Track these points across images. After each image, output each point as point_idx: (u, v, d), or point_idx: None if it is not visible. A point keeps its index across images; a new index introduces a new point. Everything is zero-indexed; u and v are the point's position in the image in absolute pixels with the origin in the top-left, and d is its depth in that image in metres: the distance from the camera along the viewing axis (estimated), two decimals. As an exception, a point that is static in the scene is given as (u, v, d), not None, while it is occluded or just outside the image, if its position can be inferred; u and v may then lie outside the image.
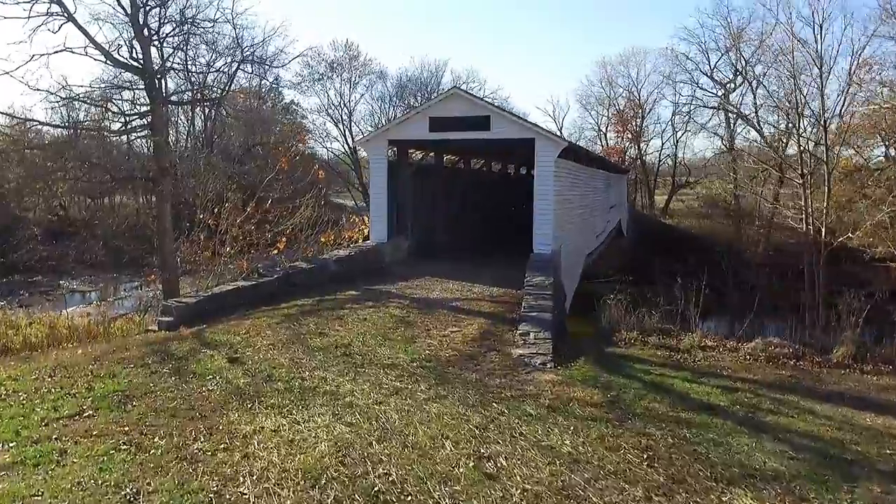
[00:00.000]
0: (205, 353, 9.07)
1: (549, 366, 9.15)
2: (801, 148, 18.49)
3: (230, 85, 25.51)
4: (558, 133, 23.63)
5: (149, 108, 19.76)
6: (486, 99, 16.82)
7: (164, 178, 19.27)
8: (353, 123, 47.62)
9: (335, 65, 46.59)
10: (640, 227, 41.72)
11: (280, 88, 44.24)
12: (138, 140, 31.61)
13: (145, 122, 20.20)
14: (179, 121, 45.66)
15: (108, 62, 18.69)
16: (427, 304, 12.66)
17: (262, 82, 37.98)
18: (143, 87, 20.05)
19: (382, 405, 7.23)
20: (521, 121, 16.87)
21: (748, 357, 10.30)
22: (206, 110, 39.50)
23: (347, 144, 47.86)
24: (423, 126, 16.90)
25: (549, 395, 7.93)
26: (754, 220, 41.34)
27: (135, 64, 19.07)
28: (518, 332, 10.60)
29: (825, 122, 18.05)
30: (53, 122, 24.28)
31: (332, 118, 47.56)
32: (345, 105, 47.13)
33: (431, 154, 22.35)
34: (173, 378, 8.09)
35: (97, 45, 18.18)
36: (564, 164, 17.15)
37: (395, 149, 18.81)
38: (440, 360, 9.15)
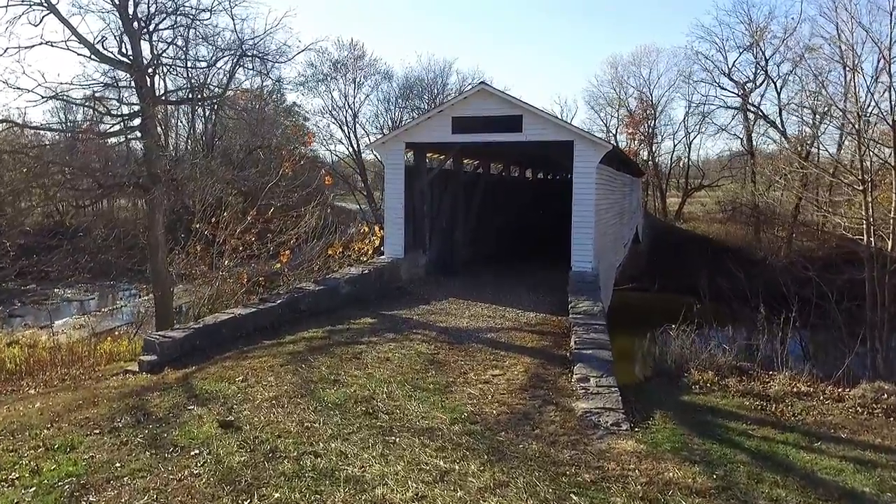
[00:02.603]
0: (191, 413, 7.20)
1: (623, 427, 7.27)
2: (863, 150, 16.64)
3: (229, 82, 23.64)
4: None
5: (139, 107, 17.92)
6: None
7: (155, 185, 17.41)
8: (357, 125, 45.79)
9: (339, 64, 44.77)
10: (656, 233, 39.88)
11: (282, 90, 42.48)
12: (135, 144, 29.75)
13: (135, 124, 18.34)
14: (179, 123, 43.98)
15: (92, 57, 16.85)
16: (457, 337, 10.80)
17: (264, 83, 36.20)
18: (134, 85, 18.25)
19: (426, 502, 5.36)
20: (559, 121, 14.99)
21: (859, 409, 8.40)
22: (206, 112, 37.72)
23: (352, 146, 46.05)
24: (445, 127, 15.04)
25: (637, 476, 6.06)
26: (774, 226, 39.37)
27: (123, 59, 17.25)
28: (574, 376, 8.72)
29: (894, 120, 16.21)
30: (32, 124, 22.44)
31: (336, 120, 45.70)
32: (349, 106, 45.30)
33: (443, 157, 20.41)
34: (148, 453, 6.22)
35: (80, 38, 16.35)
36: (603, 170, 15.30)
37: (413, 152, 16.93)
38: (487, 420, 7.27)
